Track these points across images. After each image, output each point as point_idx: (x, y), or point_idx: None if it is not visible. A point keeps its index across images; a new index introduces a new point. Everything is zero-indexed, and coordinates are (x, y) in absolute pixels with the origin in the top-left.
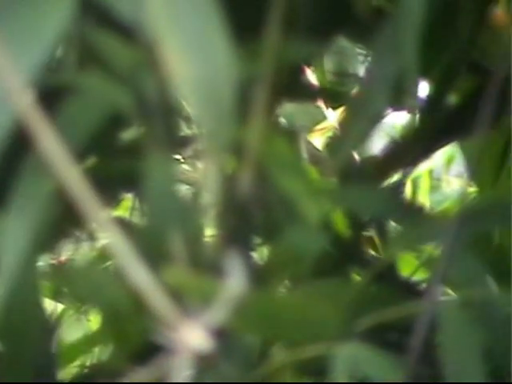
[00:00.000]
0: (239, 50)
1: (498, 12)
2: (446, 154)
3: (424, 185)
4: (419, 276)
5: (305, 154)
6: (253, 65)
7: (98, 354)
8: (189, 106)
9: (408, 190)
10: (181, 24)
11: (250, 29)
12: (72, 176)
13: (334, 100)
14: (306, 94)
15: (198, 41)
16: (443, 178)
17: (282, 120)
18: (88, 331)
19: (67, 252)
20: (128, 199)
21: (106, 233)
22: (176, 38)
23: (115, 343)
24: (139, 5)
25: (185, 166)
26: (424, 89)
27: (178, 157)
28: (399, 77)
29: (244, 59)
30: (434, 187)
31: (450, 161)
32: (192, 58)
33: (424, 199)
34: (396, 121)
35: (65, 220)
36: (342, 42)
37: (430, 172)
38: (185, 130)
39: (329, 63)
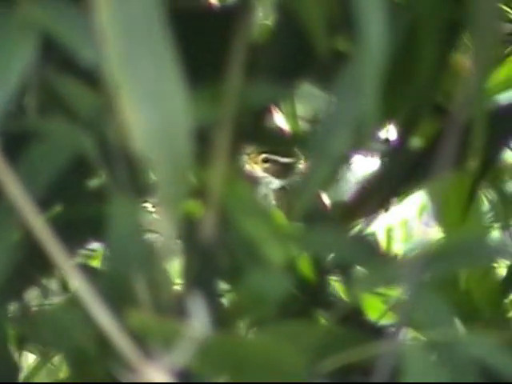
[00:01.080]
0: (200, 93)
1: (459, 56)
2: (419, 204)
3: (398, 235)
4: (387, 320)
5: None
6: (214, 108)
7: None
8: (145, 153)
9: (383, 241)
10: (137, 71)
11: (212, 72)
12: (37, 223)
13: (302, 145)
14: (272, 139)
15: (154, 88)
16: (417, 228)
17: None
18: (55, 378)
19: (34, 299)
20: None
21: (72, 279)
22: (132, 85)
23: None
24: (99, 50)
25: (152, 213)
26: (391, 133)
27: (145, 203)
28: (361, 120)
29: (205, 102)
30: (408, 237)
31: (422, 210)
32: (147, 107)
33: (398, 249)
34: (367, 167)
35: (32, 267)
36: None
37: (404, 223)
38: (151, 177)
39: (301, 109)
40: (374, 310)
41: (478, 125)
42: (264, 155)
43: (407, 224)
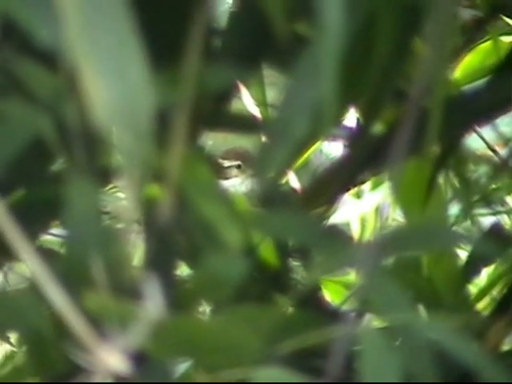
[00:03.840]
0: (158, 75)
1: (421, 42)
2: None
3: (371, 223)
4: (349, 305)
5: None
6: (172, 91)
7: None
8: (108, 131)
9: (355, 229)
10: (99, 49)
11: (171, 54)
12: None
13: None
14: (233, 122)
15: (116, 66)
16: (390, 216)
17: (207, 147)
18: (10, 359)
19: None
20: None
21: (30, 262)
22: (94, 64)
23: (38, 366)
24: (59, 31)
25: (112, 196)
26: (353, 118)
27: (106, 186)
28: (321, 105)
29: (163, 85)
30: (382, 225)
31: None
32: (109, 82)
33: (371, 237)
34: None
35: None
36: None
37: (377, 211)
38: (113, 160)
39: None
40: (337, 295)
41: (435, 111)
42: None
43: (380, 212)
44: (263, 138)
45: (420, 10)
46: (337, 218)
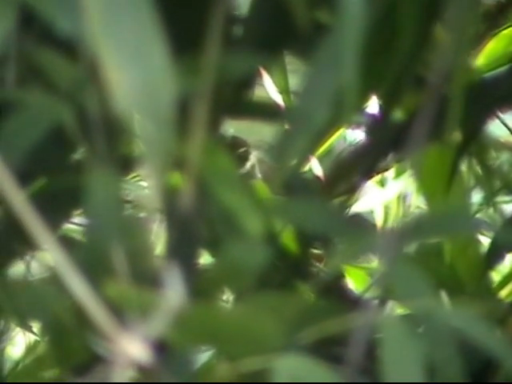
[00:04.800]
0: (179, 63)
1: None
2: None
3: (394, 211)
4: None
5: (257, 171)
6: (193, 79)
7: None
8: (129, 119)
9: (379, 217)
10: (120, 37)
11: (192, 43)
12: (17, 196)
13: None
14: (254, 110)
15: (137, 54)
16: (413, 203)
17: (229, 135)
18: (33, 349)
19: (14, 270)
20: None
21: (51, 251)
22: (115, 52)
23: (59, 356)
24: (79, 19)
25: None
26: (374, 106)
27: (127, 175)
28: (342, 93)
29: (184, 73)
30: (404, 213)
31: None
32: (130, 70)
33: (393, 225)
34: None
35: (12, 238)
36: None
37: (401, 198)
38: (135, 148)
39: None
40: (361, 282)
41: (455, 97)
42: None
43: (404, 199)
44: (285, 126)
45: None
46: (360, 206)
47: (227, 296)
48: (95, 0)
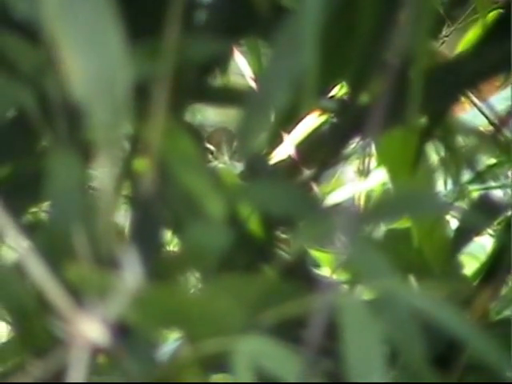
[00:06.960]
0: (138, 48)
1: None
2: None
3: (376, 198)
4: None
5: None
6: (152, 63)
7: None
8: (86, 105)
9: (361, 203)
10: (75, 23)
11: (153, 28)
12: None
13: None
14: (217, 95)
15: (93, 39)
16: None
17: (193, 119)
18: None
19: None
20: None
21: (12, 235)
22: (70, 37)
23: (22, 341)
24: (37, 3)
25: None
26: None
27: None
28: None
29: (143, 58)
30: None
31: None
32: (86, 56)
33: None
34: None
35: None
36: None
37: (383, 185)
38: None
39: None
40: (330, 265)
41: (416, 80)
42: None
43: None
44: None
45: None
46: (342, 194)
47: (191, 278)
48: None
